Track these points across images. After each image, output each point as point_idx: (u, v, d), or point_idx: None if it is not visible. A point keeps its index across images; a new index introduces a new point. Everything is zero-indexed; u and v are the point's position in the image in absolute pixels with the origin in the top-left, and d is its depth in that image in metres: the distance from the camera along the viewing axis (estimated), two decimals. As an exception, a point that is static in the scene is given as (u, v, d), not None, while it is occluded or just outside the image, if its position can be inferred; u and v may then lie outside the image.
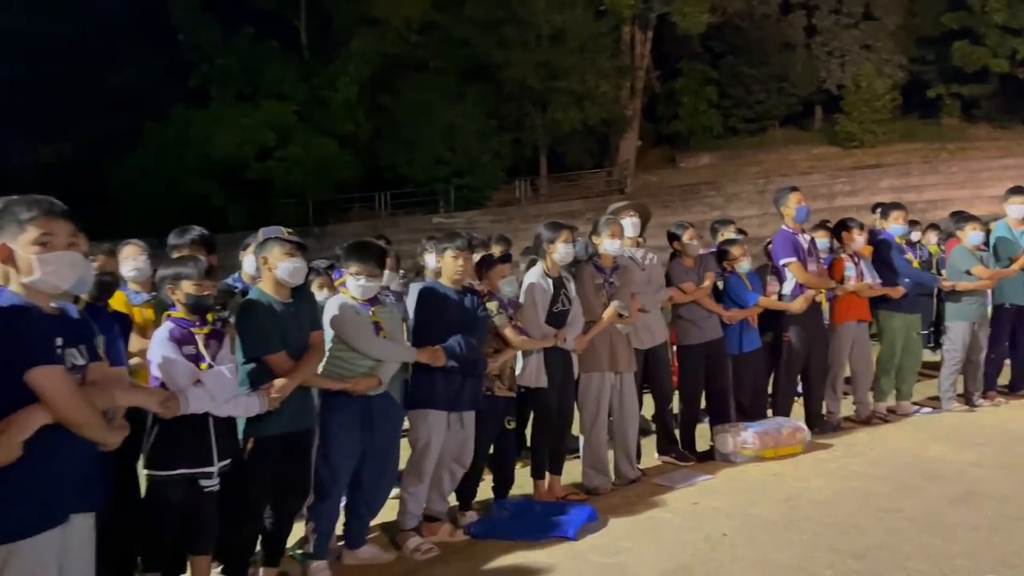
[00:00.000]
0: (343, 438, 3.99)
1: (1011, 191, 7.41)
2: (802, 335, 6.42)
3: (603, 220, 5.57)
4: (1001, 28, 27.31)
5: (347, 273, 4.12)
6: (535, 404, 5.32)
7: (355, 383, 3.99)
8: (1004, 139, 29.46)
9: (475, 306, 4.59)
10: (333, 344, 4.04)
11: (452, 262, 4.52)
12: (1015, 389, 7.51)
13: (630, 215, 5.92)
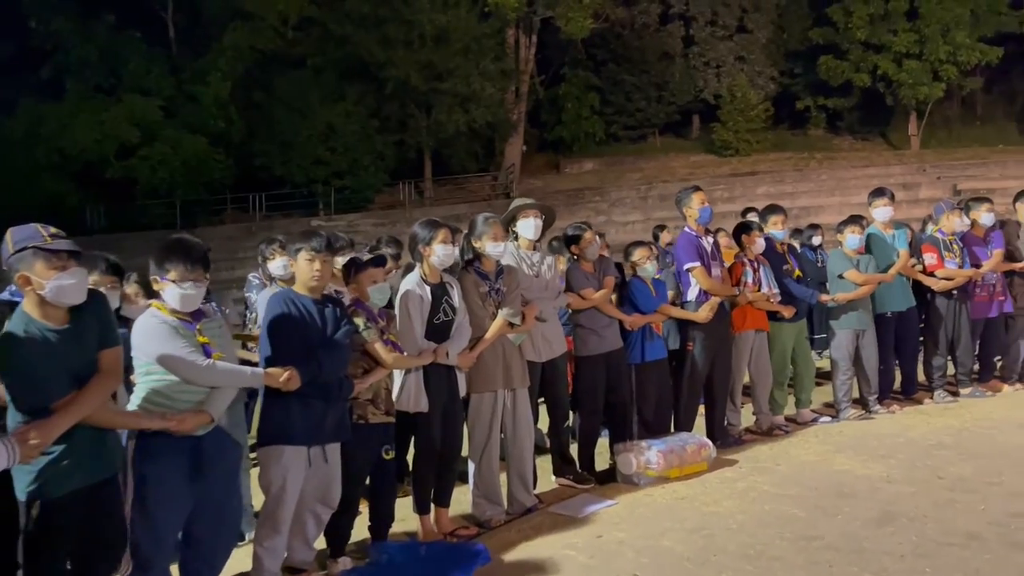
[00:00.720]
0: (166, 491, 3.11)
1: (874, 193, 7.25)
2: (707, 344, 5.99)
3: (482, 220, 4.90)
4: (863, 44, 28.54)
5: (166, 280, 3.19)
6: (416, 431, 4.63)
7: (179, 421, 3.10)
8: (865, 150, 30.95)
9: (337, 318, 3.83)
10: (147, 372, 3.16)
11: (307, 266, 3.77)
12: (907, 394, 7.37)
13: (533, 215, 5.31)
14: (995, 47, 27.62)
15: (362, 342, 4.06)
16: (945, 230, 7.24)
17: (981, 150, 27.81)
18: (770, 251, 6.61)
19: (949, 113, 31.80)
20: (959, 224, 7.19)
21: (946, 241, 7.19)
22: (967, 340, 7.24)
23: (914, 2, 27.83)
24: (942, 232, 7.25)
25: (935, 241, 7.18)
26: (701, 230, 6.10)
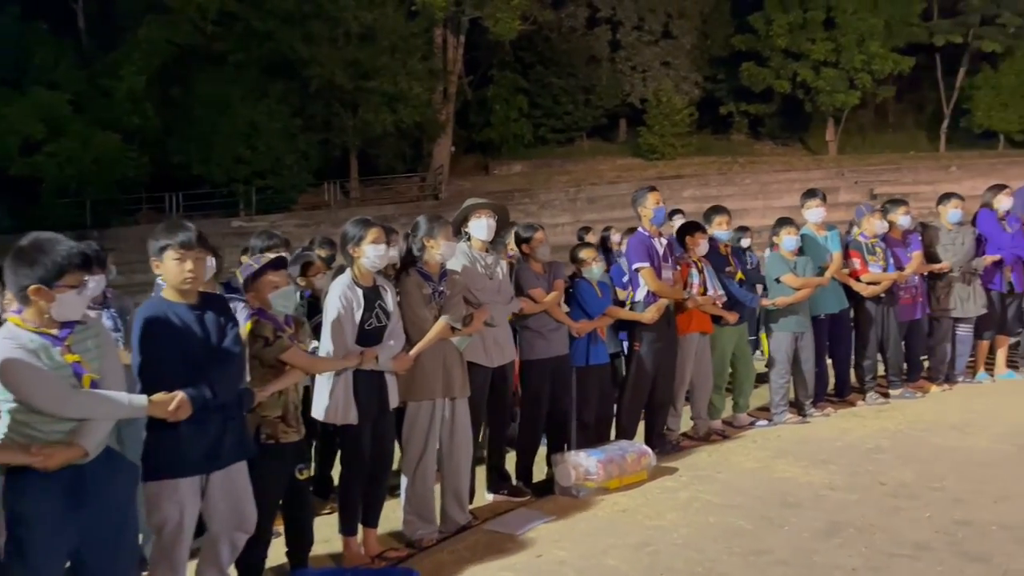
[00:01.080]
0: (43, 530, 2.66)
1: (806, 195, 7.21)
2: (654, 346, 5.80)
3: (434, 221, 4.62)
4: (783, 52, 29.17)
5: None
6: (344, 444, 4.28)
7: (45, 456, 2.65)
8: (786, 155, 31.65)
9: (221, 324, 3.32)
10: (4, 398, 2.67)
11: (176, 267, 3.21)
12: (840, 396, 7.33)
13: (486, 215, 5.01)
14: (907, 57, 28.58)
15: (273, 355, 3.68)
16: (867, 233, 7.21)
17: (894, 156, 28.74)
18: (713, 252, 6.47)
19: (863, 120, 32.80)
20: (879, 227, 7.18)
21: (868, 244, 7.16)
22: (896, 341, 7.24)
23: (831, 12, 28.58)
24: (864, 235, 7.22)
25: (858, 245, 7.15)
26: (655, 231, 5.93)
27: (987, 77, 29.19)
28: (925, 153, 29.70)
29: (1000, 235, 7.61)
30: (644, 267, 5.78)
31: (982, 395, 7.15)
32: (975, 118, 29.34)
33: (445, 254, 4.58)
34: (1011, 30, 28.19)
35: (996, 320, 7.79)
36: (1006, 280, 7.74)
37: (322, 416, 4.17)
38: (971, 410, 6.55)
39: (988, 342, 7.86)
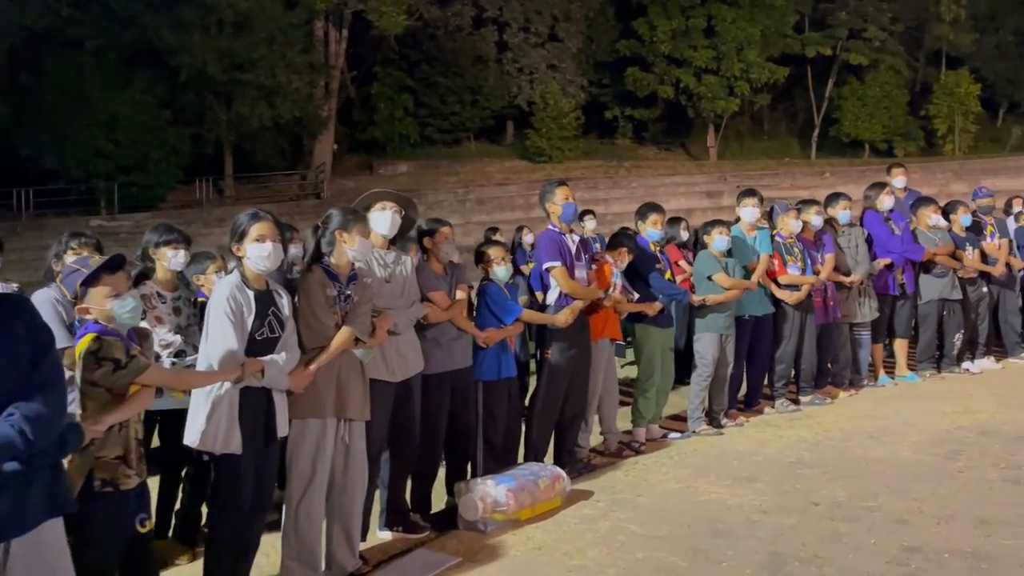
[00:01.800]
0: None
1: (744, 193, 6.91)
2: (567, 354, 5.24)
3: (349, 213, 3.95)
4: (667, 58, 29.56)
5: None
6: (220, 477, 3.50)
7: None
8: (669, 160, 32.14)
9: (38, 345, 2.34)
10: None
11: None
12: (751, 405, 7.00)
13: (391, 208, 4.31)
14: (782, 67, 29.51)
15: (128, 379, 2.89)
16: (784, 233, 6.94)
17: (770, 162, 29.63)
18: (641, 252, 6.04)
19: (741, 127, 33.74)
20: (795, 226, 6.92)
21: (787, 245, 6.89)
22: (811, 346, 6.98)
23: (712, 20, 29.17)
24: (781, 235, 6.95)
25: (776, 246, 6.85)
26: (565, 228, 5.39)
27: (854, 88, 30.53)
28: (798, 160, 30.80)
29: (890, 238, 7.51)
30: (555, 267, 5.23)
31: (888, 400, 6.97)
32: (843, 127, 30.65)
33: (358, 253, 3.90)
34: (876, 44, 29.58)
35: (889, 323, 7.72)
36: (898, 283, 7.66)
37: (196, 442, 3.40)
38: (882, 416, 6.32)
39: (882, 345, 7.78)
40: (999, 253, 8.13)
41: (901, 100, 30.17)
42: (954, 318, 7.85)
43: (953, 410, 6.31)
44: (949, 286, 7.78)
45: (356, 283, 3.92)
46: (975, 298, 8.02)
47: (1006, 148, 29.97)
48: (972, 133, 30.05)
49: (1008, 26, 30.71)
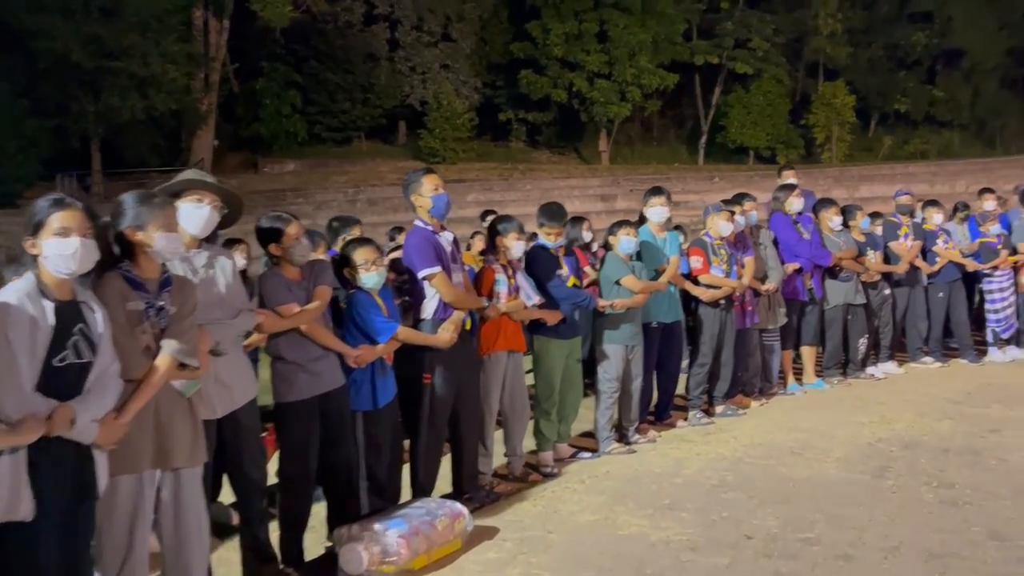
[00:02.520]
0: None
1: (651, 192, 6.42)
2: (449, 374, 4.54)
3: (144, 201, 3.05)
4: (560, 62, 29.35)
5: None
6: (12, 551, 2.60)
7: None
8: (562, 163, 31.98)
9: None
10: None
11: None
12: (662, 418, 6.51)
13: (209, 201, 3.45)
14: (671, 74, 29.79)
15: None
16: (712, 234, 6.50)
17: (661, 166, 29.85)
18: (540, 253, 5.40)
19: (632, 132, 33.97)
20: (724, 228, 6.48)
21: (714, 245, 6.46)
22: (730, 353, 6.57)
23: (604, 25, 29.15)
24: (709, 236, 6.50)
25: (703, 244, 6.42)
26: (436, 224, 4.64)
27: (739, 97, 31.20)
28: (687, 165, 31.19)
29: (798, 242, 7.22)
30: (435, 273, 4.49)
31: (801, 409, 6.62)
32: (729, 134, 31.27)
33: (163, 250, 3.02)
34: (760, 54, 30.30)
35: (798, 330, 7.44)
36: (807, 287, 7.38)
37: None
38: (800, 428, 5.94)
39: (791, 352, 7.48)
40: (908, 254, 7.98)
41: (783, 109, 31.02)
42: (858, 322, 7.64)
43: (870, 420, 6.00)
44: (853, 290, 7.56)
45: (170, 289, 3.06)
46: (877, 302, 7.84)
47: (879, 156, 31.28)
48: (848, 142, 31.21)
49: (880, 41, 32.11)
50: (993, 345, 8.24)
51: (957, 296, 8.21)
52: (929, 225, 8.33)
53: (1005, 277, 8.16)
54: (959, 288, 8.24)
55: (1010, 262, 8.19)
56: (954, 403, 6.41)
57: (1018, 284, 8.23)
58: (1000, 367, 7.89)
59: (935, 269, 8.13)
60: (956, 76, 31.73)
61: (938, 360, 8.12)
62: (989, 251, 8.20)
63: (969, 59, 31.16)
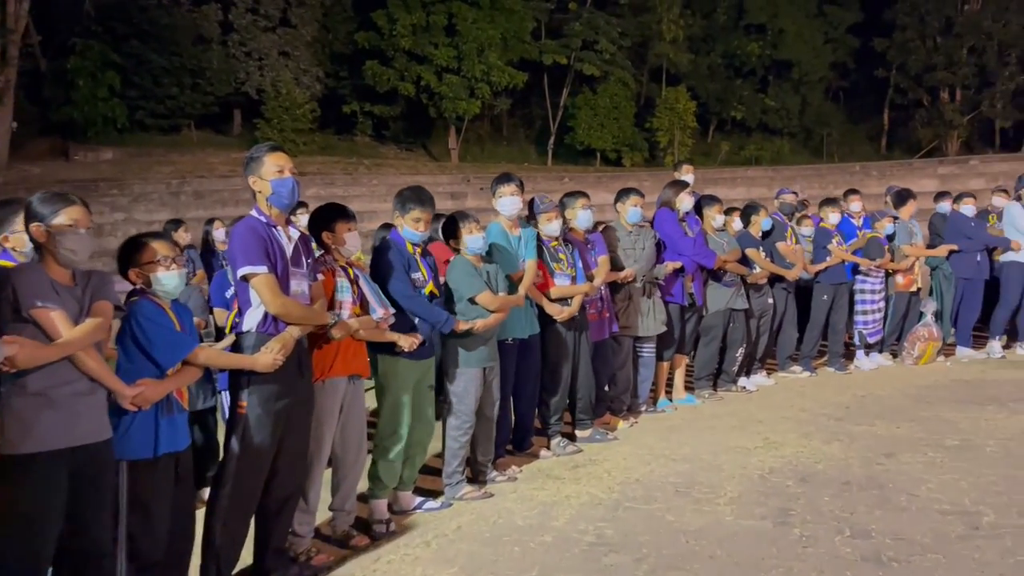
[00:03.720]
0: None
1: (499, 180, 5.48)
2: (274, 407, 3.43)
3: None
4: (408, 54, 28.05)
5: None
6: None
7: None
8: (411, 159, 30.69)
9: None
10: None
11: None
12: (521, 447, 5.53)
13: None
14: (521, 72, 29.19)
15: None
16: (546, 236, 5.56)
17: (511, 166, 29.19)
18: (393, 249, 4.29)
19: (481, 131, 33.17)
20: (553, 229, 5.53)
21: (551, 249, 5.51)
22: (587, 370, 5.66)
23: (452, 19, 28.13)
24: (546, 240, 5.56)
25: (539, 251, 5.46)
26: (277, 215, 3.47)
27: (587, 98, 31.05)
28: (537, 166, 30.77)
29: (682, 240, 6.47)
30: (256, 273, 3.33)
31: (676, 430, 5.85)
32: (577, 135, 31.07)
33: None
34: (607, 56, 30.25)
35: (676, 338, 6.70)
36: (687, 291, 6.66)
37: None
38: (680, 456, 5.14)
39: (668, 363, 6.74)
40: (795, 256, 7.43)
41: (629, 112, 31.16)
42: (738, 330, 7.01)
43: (754, 444, 5.28)
44: (735, 295, 6.92)
45: None
46: (759, 308, 7.26)
47: (717, 161, 32.10)
48: (689, 147, 31.77)
49: (718, 50, 32.99)
50: (859, 347, 7.87)
51: (840, 300, 7.77)
52: (826, 224, 7.87)
53: (878, 280, 7.81)
54: (843, 292, 7.79)
55: (891, 265, 7.85)
56: (836, 420, 5.83)
57: (889, 287, 7.91)
58: (868, 376, 7.51)
59: (823, 268, 7.66)
60: (786, 86, 33.04)
61: (806, 369, 7.65)
62: (877, 247, 7.82)
63: (798, 70, 32.52)
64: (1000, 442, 5.00)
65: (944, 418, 5.66)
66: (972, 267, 8.03)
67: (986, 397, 6.26)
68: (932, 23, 29.94)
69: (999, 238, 8.10)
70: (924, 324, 7.75)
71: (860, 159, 28.27)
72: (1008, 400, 6.13)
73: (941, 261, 8.01)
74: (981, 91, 30.03)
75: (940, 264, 8.01)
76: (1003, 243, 8.05)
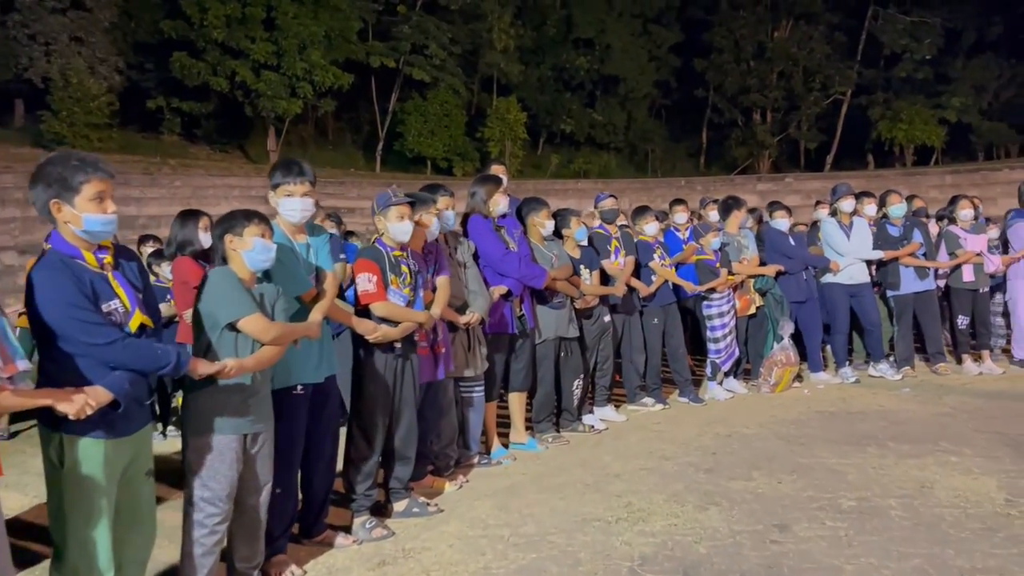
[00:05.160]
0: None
1: (278, 169, 3.99)
2: None
3: None
4: (221, 46, 25.51)
5: None
6: None
7: None
8: (225, 161, 28.02)
9: None
10: None
11: None
12: (310, 535, 4.02)
13: None
14: (347, 73, 27.36)
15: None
16: (389, 241, 4.19)
17: (336, 171, 27.28)
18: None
19: (305, 133, 31.01)
20: (401, 231, 4.20)
21: (392, 258, 4.18)
22: (410, 421, 4.26)
23: (272, 12, 25.90)
24: (383, 243, 4.17)
25: (377, 256, 4.13)
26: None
27: (417, 104, 29.72)
28: (365, 172, 29.02)
29: (504, 257, 5.28)
30: None
31: (518, 493, 4.55)
32: (407, 142, 29.65)
33: None
34: (437, 62, 29.06)
35: (506, 373, 5.47)
36: (517, 316, 5.43)
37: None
38: (524, 539, 3.83)
39: (495, 404, 5.48)
40: (622, 272, 6.37)
41: (460, 120, 30.11)
42: (572, 361, 5.85)
43: (615, 515, 4.06)
44: (566, 320, 5.76)
45: None
46: (595, 333, 6.14)
47: (547, 173, 31.69)
48: (520, 158, 31.16)
49: (548, 62, 32.66)
50: (712, 379, 6.97)
51: (672, 322, 6.81)
52: (644, 236, 6.85)
53: (724, 300, 6.92)
54: (674, 312, 6.84)
55: (730, 282, 6.98)
56: (705, 472, 4.75)
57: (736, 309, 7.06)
58: (726, 409, 6.58)
59: (652, 290, 6.65)
60: (613, 102, 33.23)
61: (658, 401, 6.63)
62: (707, 271, 6.92)
63: (624, 87, 32.79)
64: (902, 502, 4.09)
65: (828, 466, 4.74)
66: (801, 288, 7.32)
67: (860, 435, 5.45)
68: (746, 47, 31.07)
69: (819, 257, 7.48)
70: (781, 348, 6.96)
71: (681, 175, 28.70)
72: (885, 438, 5.33)
73: (771, 283, 7.22)
74: (789, 113, 31.52)
75: (770, 287, 7.21)
76: (821, 263, 7.43)
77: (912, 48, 28.94)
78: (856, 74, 30.43)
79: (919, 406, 6.31)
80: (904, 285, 7.47)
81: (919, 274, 7.48)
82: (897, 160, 30.54)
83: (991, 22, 29.03)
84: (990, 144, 29.87)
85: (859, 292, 7.41)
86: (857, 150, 31.34)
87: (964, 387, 7.00)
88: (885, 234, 7.51)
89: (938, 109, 28.97)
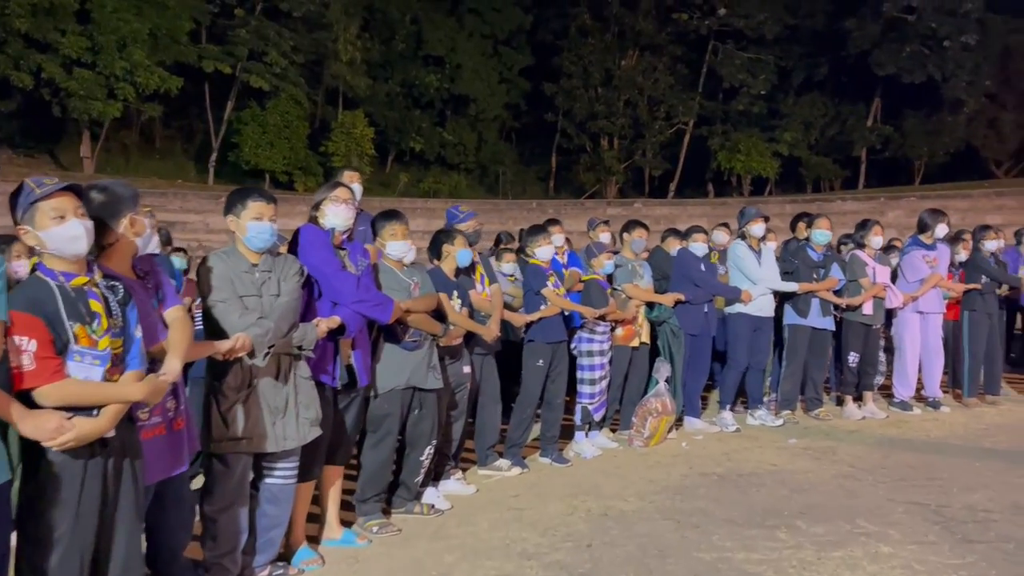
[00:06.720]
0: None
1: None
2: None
3: None
4: (24, 38, 22.28)
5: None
6: None
7: None
8: (31, 167, 24.55)
9: None
10: None
11: None
12: None
13: None
14: (175, 77, 24.73)
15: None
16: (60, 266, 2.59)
17: (160, 182, 24.52)
18: None
19: (128, 140, 27.88)
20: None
21: None
22: (130, 540, 2.68)
23: (86, 3, 22.97)
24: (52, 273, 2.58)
25: None
26: None
27: (255, 114, 27.40)
28: (196, 184, 26.32)
29: (339, 276, 3.80)
30: None
31: None
32: (243, 153, 27.24)
33: None
34: (277, 70, 26.91)
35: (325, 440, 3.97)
36: (343, 364, 3.96)
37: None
38: None
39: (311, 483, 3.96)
40: (488, 305, 5.06)
41: (302, 133, 28.03)
42: (425, 420, 4.45)
43: None
44: (424, 366, 4.37)
45: None
46: (453, 380, 4.78)
47: (395, 192, 30.14)
48: (367, 175, 29.42)
49: (397, 77, 31.24)
50: (580, 430, 5.77)
51: (559, 365, 5.51)
52: (536, 261, 5.57)
53: (605, 337, 5.74)
54: (563, 354, 5.56)
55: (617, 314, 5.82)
56: (581, 581, 3.47)
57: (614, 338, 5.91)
58: (594, 471, 5.35)
59: (533, 318, 5.37)
60: (464, 122, 32.23)
61: (516, 464, 5.33)
62: (598, 291, 5.74)
63: (475, 107, 31.88)
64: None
65: (737, 567, 3.58)
66: (700, 321, 6.35)
67: (762, 510, 4.38)
68: (595, 73, 30.97)
69: (731, 288, 6.56)
70: (656, 394, 5.86)
71: (531, 198, 28.03)
72: (792, 515, 4.29)
73: (669, 312, 6.21)
74: (635, 141, 31.68)
75: (667, 317, 6.21)
76: (733, 293, 6.52)
77: (748, 83, 29.80)
78: (698, 105, 31.01)
79: (813, 463, 5.37)
80: (810, 317, 6.66)
81: (823, 310, 6.70)
82: (734, 189, 31.35)
83: (818, 63, 30.43)
84: (817, 177, 31.23)
85: (761, 326, 6.54)
86: (699, 179, 31.94)
87: (852, 435, 6.20)
88: (805, 257, 6.68)
89: (772, 143, 29.96)
